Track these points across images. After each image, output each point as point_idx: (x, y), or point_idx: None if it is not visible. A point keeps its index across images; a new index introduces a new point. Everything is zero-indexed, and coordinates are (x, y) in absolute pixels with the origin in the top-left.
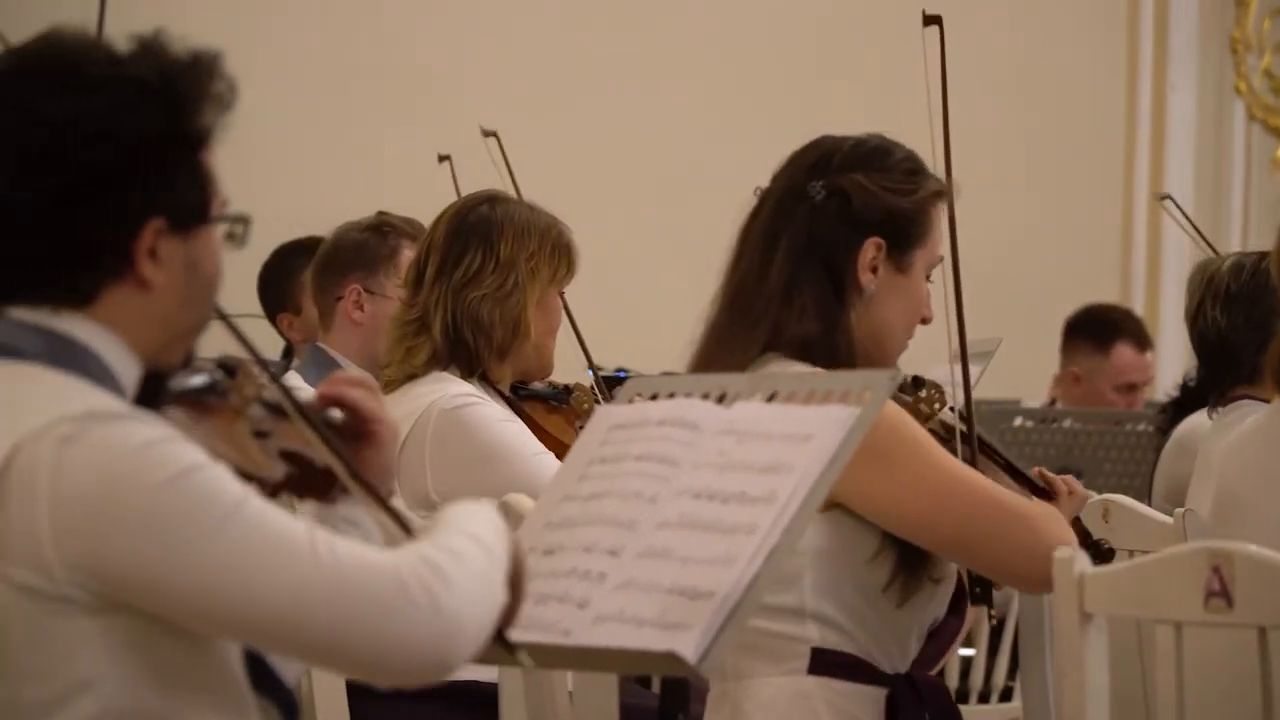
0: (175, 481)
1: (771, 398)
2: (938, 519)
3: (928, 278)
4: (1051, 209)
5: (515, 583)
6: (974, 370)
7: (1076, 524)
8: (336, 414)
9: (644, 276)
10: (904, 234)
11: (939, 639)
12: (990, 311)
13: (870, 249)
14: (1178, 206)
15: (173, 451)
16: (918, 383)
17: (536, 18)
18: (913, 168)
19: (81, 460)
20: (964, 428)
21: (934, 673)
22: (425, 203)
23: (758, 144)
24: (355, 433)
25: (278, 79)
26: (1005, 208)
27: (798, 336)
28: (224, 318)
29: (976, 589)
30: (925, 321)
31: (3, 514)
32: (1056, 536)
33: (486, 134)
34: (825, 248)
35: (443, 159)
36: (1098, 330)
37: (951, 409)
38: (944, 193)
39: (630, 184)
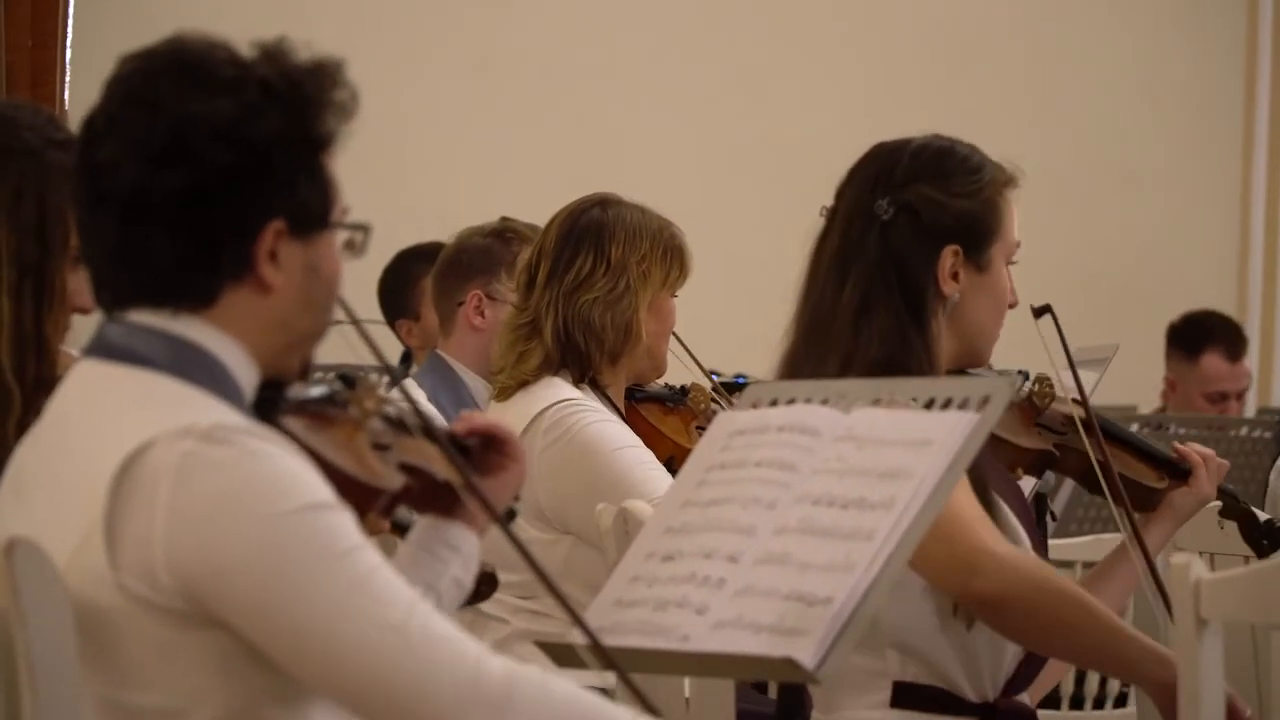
0: (298, 514)
1: (892, 403)
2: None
3: (1008, 263)
4: (1168, 214)
5: None
6: (1091, 376)
7: (1233, 504)
8: (470, 440)
9: (763, 282)
10: (978, 234)
11: (1035, 657)
12: (1108, 317)
13: (948, 258)
14: None
15: (302, 483)
16: (1023, 376)
17: (662, 20)
18: (974, 164)
19: (207, 475)
20: (1083, 415)
21: (1044, 687)
22: (550, 208)
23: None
24: (485, 463)
25: (405, 82)
26: (1123, 213)
27: (866, 363)
28: (356, 323)
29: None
30: (1012, 306)
31: (123, 519)
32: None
33: None
34: (901, 265)
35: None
36: (1189, 337)
37: (1074, 400)
38: (1010, 179)
39: (750, 189)
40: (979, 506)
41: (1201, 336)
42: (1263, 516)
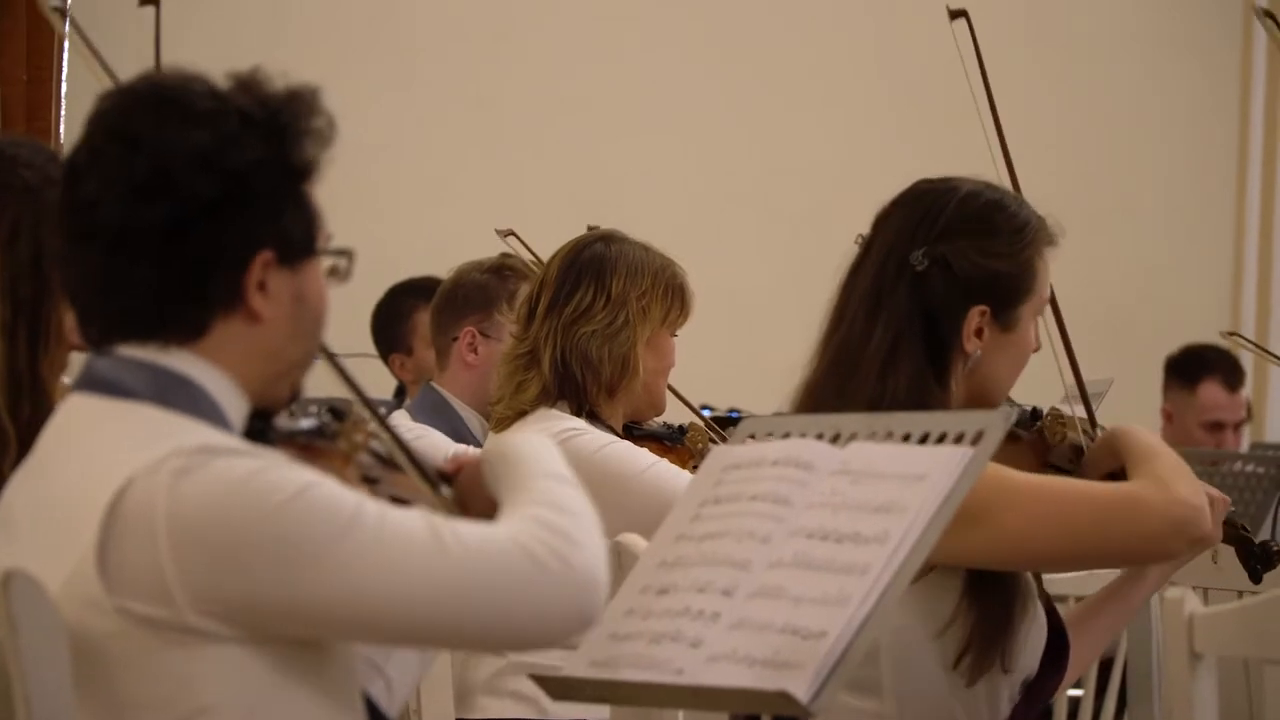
0: (290, 503)
1: (887, 437)
2: (1072, 538)
3: (1039, 315)
4: (1163, 247)
5: None
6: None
7: (1233, 530)
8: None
9: (757, 316)
10: (1009, 294)
11: (1033, 699)
12: (1104, 350)
13: (975, 317)
14: None
15: (282, 475)
16: (1036, 414)
17: (661, 52)
18: (1019, 223)
19: (197, 493)
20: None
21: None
22: (547, 241)
23: (870, 183)
24: (476, 499)
25: (403, 114)
26: (1117, 246)
27: (893, 409)
28: (332, 359)
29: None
30: (1035, 350)
31: (118, 548)
32: (1172, 489)
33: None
34: (928, 318)
35: (504, 235)
36: (1187, 368)
37: (1084, 432)
38: (1052, 239)
39: (745, 222)
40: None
41: (1200, 367)
42: (1258, 539)
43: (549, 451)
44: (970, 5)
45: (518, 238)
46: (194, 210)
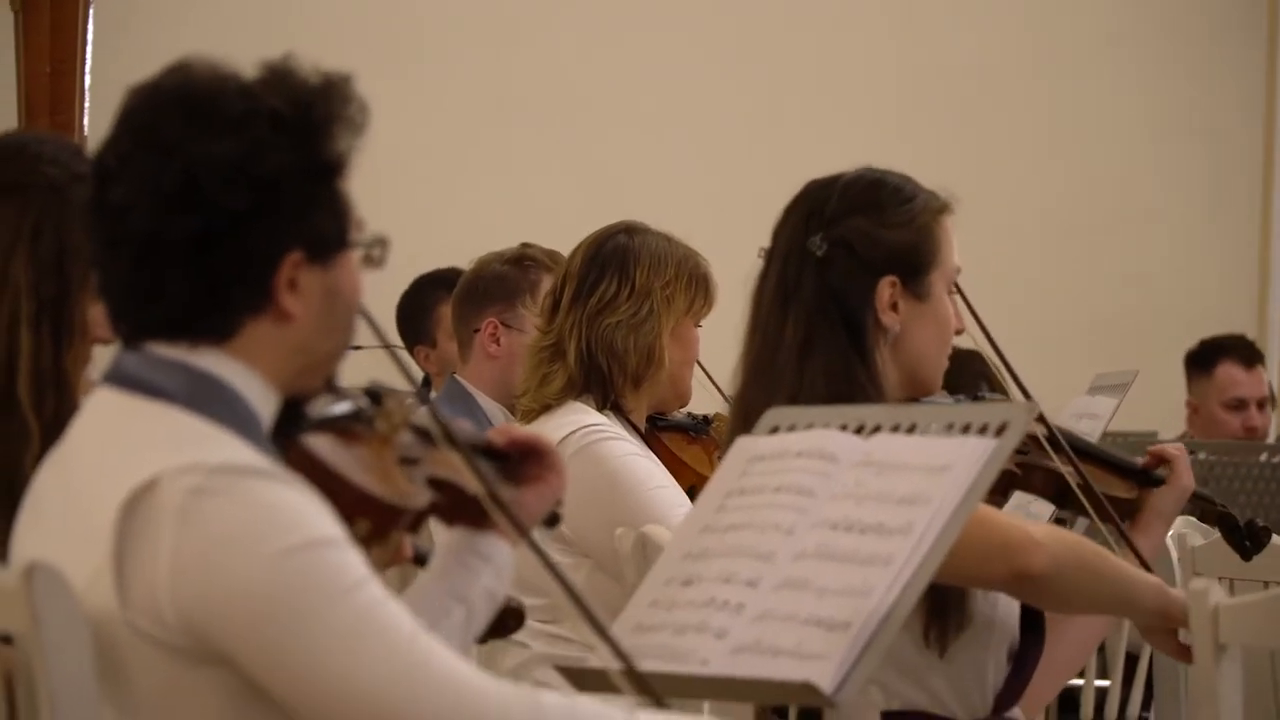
0: (299, 552)
1: (910, 429)
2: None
3: (952, 290)
4: (1188, 240)
5: None
6: (1111, 402)
7: (1213, 510)
8: (509, 452)
9: None
10: (914, 264)
11: (1021, 670)
12: (1128, 343)
13: (885, 289)
14: None
15: (305, 520)
16: (976, 400)
17: (680, 47)
18: (906, 195)
19: (210, 514)
20: (1047, 432)
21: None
22: (569, 235)
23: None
24: (523, 475)
25: (425, 108)
26: (1142, 240)
27: (813, 401)
28: (389, 347)
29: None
30: (958, 333)
31: (131, 560)
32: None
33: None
34: (839, 301)
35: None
36: (1204, 355)
37: (1039, 419)
38: (945, 206)
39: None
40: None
41: (1215, 351)
42: (1242, 518)
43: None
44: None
45: None
46: (224, 220)
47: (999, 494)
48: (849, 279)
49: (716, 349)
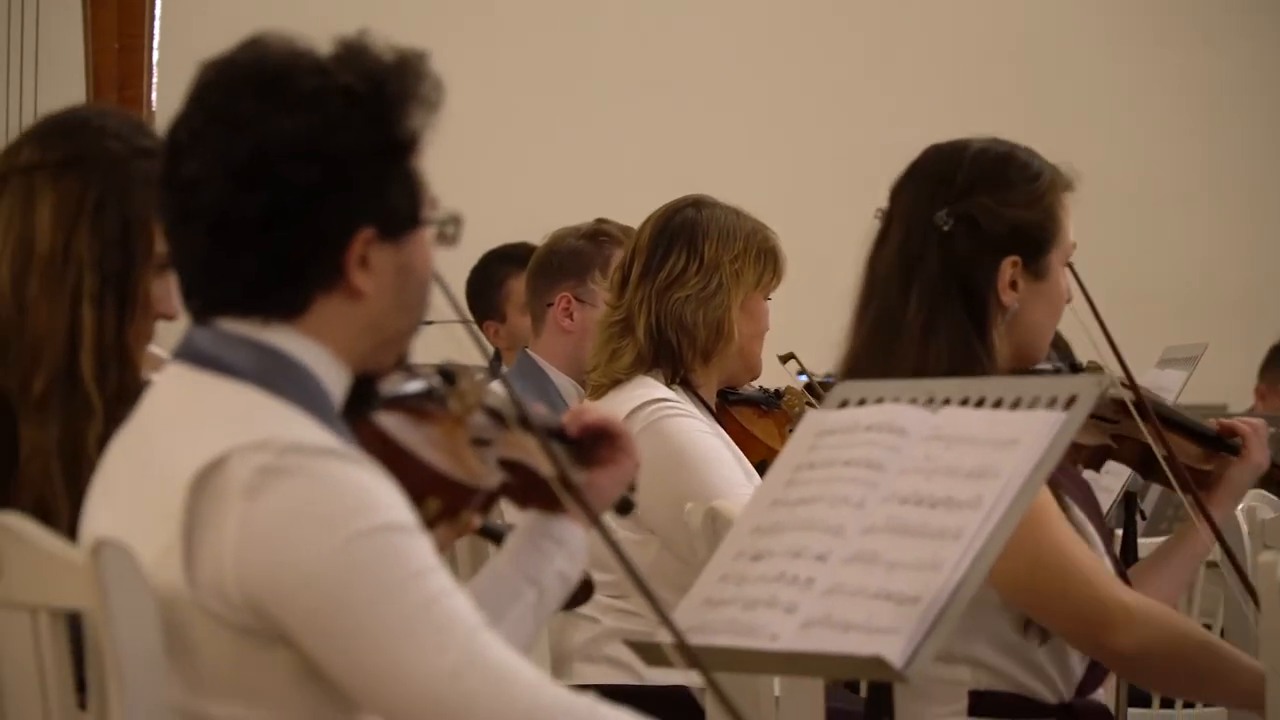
0: (366, 536)
1: (980, 403)
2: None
3: (1067, 264)
4: (1261, 215)
5: None
6: (1180, 375)
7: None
8: (581, 435)
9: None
10: (1036, 243)
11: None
12: (1198, 317)
13: (1007, 269)
14: None
15: (374, 503)
16: (1074, 369)
17: (755, 25)
18: (1033, 171)
19: (280, 493)
20: (1134, 398)
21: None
22: (642, 210)
23: None
24: (595, 457)
25: (497, 83)
26: (1214, 214)
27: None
28: (466, 322)
29: None
30: (1068, 303)
31: (198, 533)
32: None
33: None
34: (962, 277)
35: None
36: None
37: (1122, 384)
38: (1068, 184)
39: (839, 192)
40: (1091, 554)
41: None
42: None
43: None
44: None
45: (797, 360)
46: (294, 197)
47: (1093, 466)
48: (973, 256)
49: (783, 322)
